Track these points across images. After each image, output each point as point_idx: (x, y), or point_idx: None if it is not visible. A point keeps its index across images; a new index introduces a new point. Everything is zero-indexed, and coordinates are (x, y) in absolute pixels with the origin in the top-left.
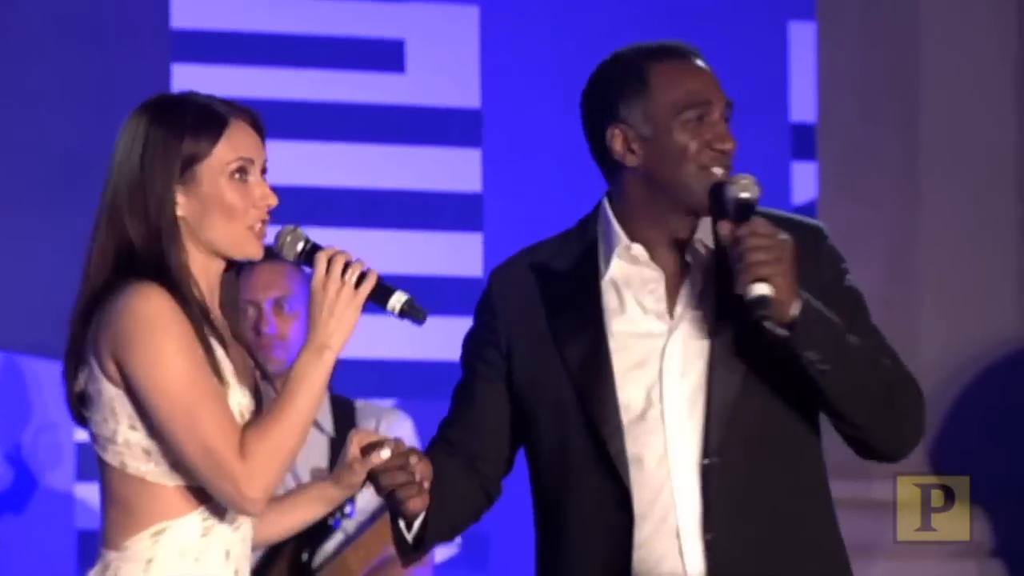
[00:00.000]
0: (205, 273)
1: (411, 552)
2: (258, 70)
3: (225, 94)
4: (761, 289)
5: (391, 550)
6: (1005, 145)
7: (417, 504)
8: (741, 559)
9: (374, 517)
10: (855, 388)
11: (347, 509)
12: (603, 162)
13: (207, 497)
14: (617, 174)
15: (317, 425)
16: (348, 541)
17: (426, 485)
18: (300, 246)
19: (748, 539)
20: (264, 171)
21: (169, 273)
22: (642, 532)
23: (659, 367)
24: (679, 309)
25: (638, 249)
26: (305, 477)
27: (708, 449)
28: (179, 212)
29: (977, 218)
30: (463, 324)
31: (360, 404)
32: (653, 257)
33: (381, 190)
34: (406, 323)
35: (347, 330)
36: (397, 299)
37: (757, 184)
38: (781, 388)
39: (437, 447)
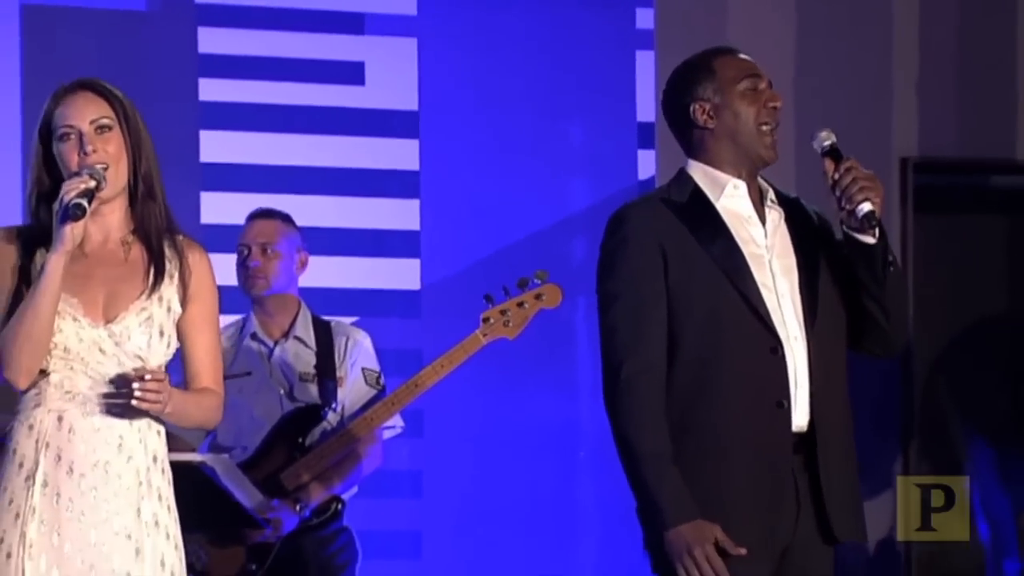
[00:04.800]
0: (95, 214)
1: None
2: (264, 84)
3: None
4: (869, 206)
5: (366, 438)
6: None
7: None
8: (828, 397)
9: (355, 414)
10: (898, 287)
11: (334, 404)
12: (687, 133)
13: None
14: (701, 138)
15: (302, 340)
16: (333, 429)
17: None
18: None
19: (826, 389)
20: (106, 128)
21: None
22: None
23: (769, 269)
24: (769, 230)
25: (741, 186)
26: (295, 380)
27: (809, 323)
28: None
29: None
30: (399, 265)
31: (333, 323)
32: None
33: (345, 168)
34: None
35: (61, 241)
36: (63, 205)
37: (833, 132)
38: (835, 292)
39: (654, 379)
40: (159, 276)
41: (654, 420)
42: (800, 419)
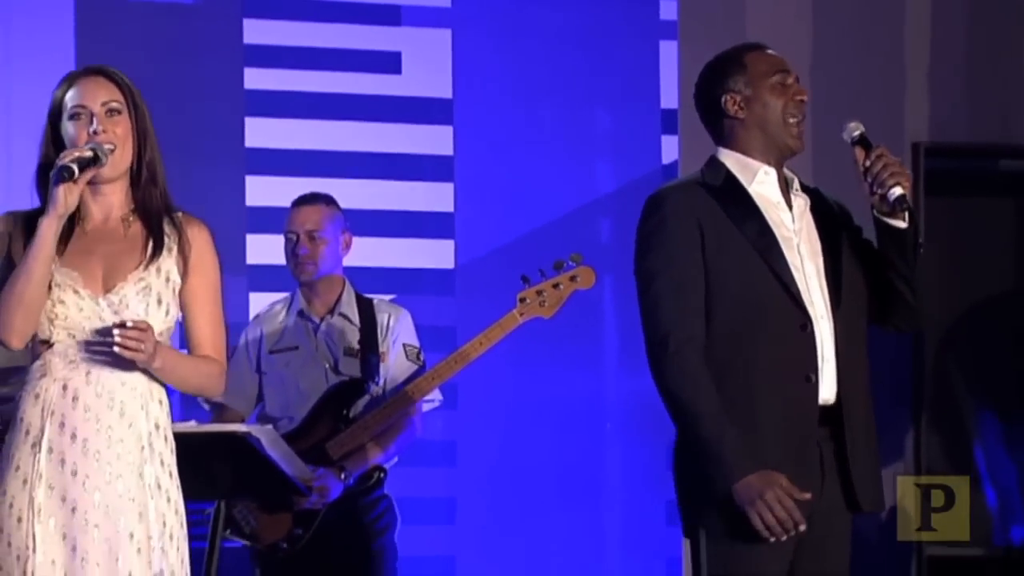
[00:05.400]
0: (96, 194)
1: None
2: (306, 73)
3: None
4: (900, 190)
5: (407, 411)
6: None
7: None
8: (853, 371)
9: (397, 388)
10: (920, 269)
11: (376, 378)
12: (718, 123)
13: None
14: (732, 128)
15: (347, 317)
16: (375, 401)
17: None
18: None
19: (851, 364)
20: (116, 112)
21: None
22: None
23: (798, 251)
24: (796, 215)
25: (772, 172)
26: (339, 354)
27: (835, 302)
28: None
29: None
30: (434, 246)
31: (376, 301)
32: None
33: (382, 153)
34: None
35: (54, 205)
36: (56, 170)
37: (861, 123)
38: (858, 275)
39: (699, 347)
40: (157, 249)
41: (706, 383)
42: (827, 392)
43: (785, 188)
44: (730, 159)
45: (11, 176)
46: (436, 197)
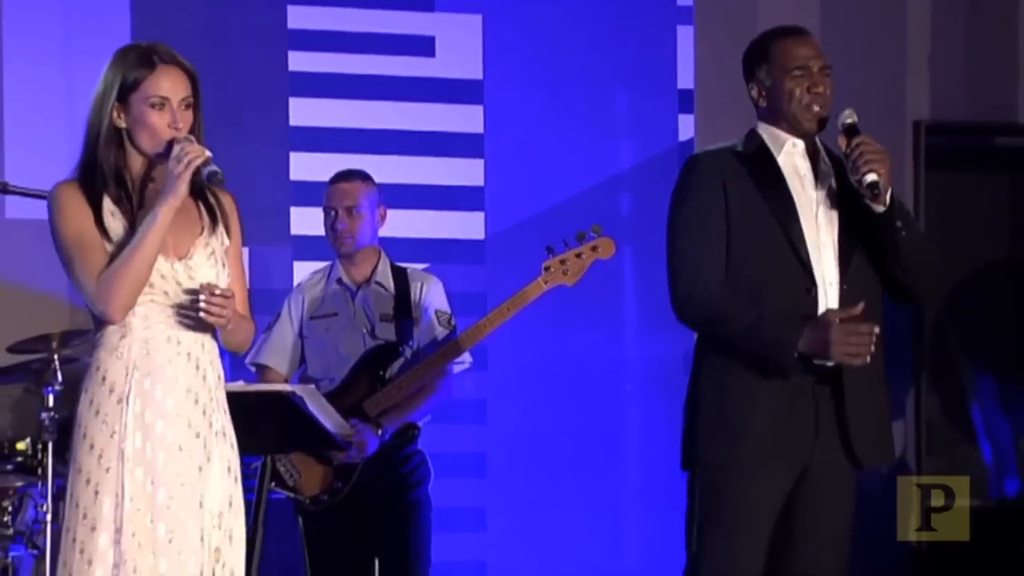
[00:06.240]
0: (144, 168)
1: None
2: (346, 56)
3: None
4: (873, 177)
5: (439, 372)
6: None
7: None
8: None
9: (430, 351)
10: (917, 249)
11: (411, 342)
12: (755, 104)
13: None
14: (761, 108)
15: (382, 285)
16: (409, 363)
17: None
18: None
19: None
20: (189, 106)
21: (88, 169)
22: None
23: (816, 219)
24: (819, 184)
25: (800, 144)
26: (376, 320)
27: (843, 269)
28: (120, 124)
29: None
30: (465, 218)
31: (409, 270)
32: None
33: (417, 131)
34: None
35: (176, 194)
36: (207, 171)
37: (856, 113)
38: (867, 248)
39: (728, 292)
40: (213, 217)
41: (731, 297)
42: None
43: (815, 158)
44: (764, 131)
45: (72, 154)
46: (467, 172)
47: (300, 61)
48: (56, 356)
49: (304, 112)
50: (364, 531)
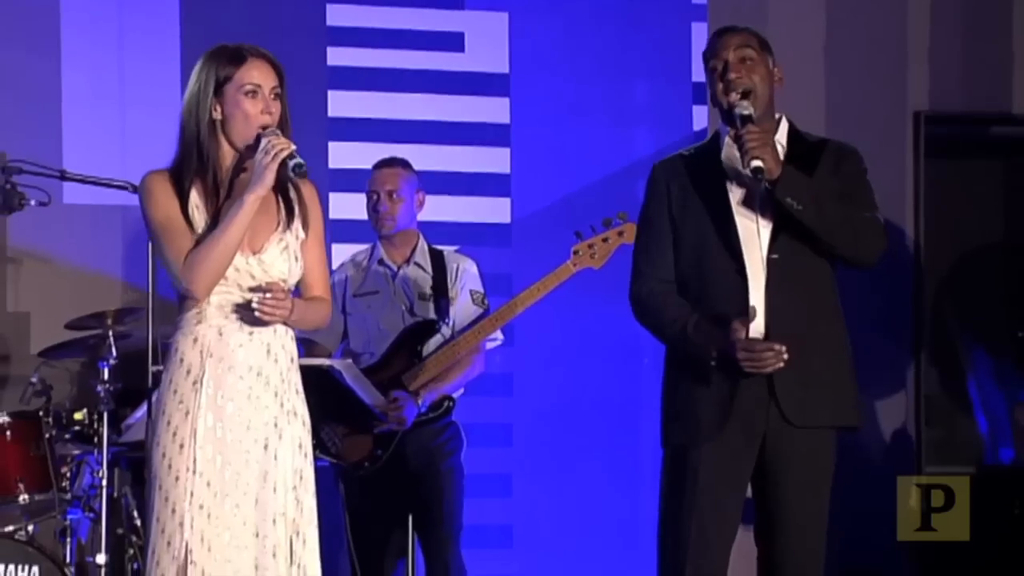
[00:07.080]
0: (233, 161)
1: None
2: (381, 51)
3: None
4: (757, 163)
5: (472, 348)
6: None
7: None
8: (784, 307)
9: (464, 328)
10: (824, 222)
11: (447, 319)
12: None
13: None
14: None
15: (421, 266)
16: (446, 340)
17: None
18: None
19: (784, 301)
20: (278, 96)
21: (181, 161)
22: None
23: (755, 207)
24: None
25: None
26: (414, 298)
27: (771, 248)
28: (216, 116)
29: None
30: (492, 203)
31: (446, 252)
32: None
33: (447, 121)
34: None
35: (264, 184)
36: (292, 163)
37: (752, 105)
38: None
39: (667, 288)
40: (290, 213)
41: (668, 307)
42: (758, 325)
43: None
44: (723, 129)
45: (127, 143)
46: (494, 160)
47: (338, 56)
48: (111, 332)
49: (342, 104)
50: (402, 496)
